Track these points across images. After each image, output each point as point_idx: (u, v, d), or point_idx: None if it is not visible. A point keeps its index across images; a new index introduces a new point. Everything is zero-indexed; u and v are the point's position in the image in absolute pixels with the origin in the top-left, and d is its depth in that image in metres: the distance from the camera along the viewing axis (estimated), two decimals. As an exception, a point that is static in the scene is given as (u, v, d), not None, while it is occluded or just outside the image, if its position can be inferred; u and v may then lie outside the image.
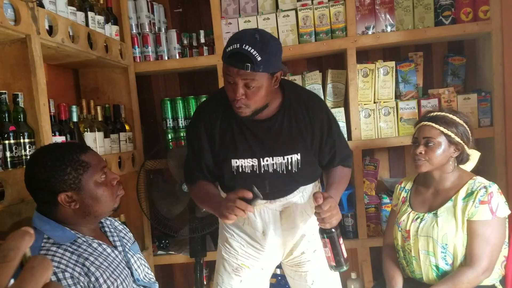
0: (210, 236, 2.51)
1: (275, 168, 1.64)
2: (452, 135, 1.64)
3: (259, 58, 1.41)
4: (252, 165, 1.63)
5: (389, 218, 1.95)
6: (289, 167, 1.64)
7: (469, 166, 1.74)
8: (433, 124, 1.65)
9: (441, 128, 1.64)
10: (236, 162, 1.63)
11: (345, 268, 1.56)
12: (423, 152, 1.67)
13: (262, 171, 1.63)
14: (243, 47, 1.41)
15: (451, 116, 1.66)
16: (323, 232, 1.52)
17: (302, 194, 1.72)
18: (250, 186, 1.47)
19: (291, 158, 1.63)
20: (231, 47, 1.43)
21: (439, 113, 1.69)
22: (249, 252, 1.76)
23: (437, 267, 1.65)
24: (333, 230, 1.51)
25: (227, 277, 1.78)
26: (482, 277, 1.58)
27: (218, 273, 1.82)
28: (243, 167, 1.63)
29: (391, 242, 1.85)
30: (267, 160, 1.63)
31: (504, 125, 2.25)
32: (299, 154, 1.63)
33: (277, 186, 1.66)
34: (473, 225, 1.59)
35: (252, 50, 1.40)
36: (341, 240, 1.54)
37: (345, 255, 1.55)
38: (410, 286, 1.69)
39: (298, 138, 1.64)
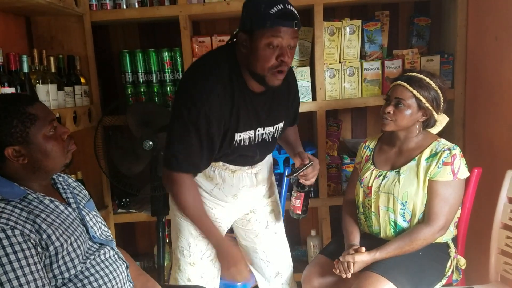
0: (172, 194, 2.48)
1: (264, 137, 1.67)
2: (423, 100, 1.64)
3: (298, 16, 1.42)
4: (250, 137, 1.62)
5: (351, 175, 1.98)
6: (275, 135, 1.71)
7: (435, 129, 1.76)
8: (407, 86, 1.65)
9: (414, 91, 1.64)
10: (239, 136, 1.59)
11: (305, 215, 1.80)
12: (391, 112, 1.68)
13: (256, 142, 1.65)
14: (287, 6, 1.39)
15: (427, 79, 1.66)
16: (301, 187, 1.73)
17: (269, 155, 1.84)
18: (245, 156, 1.64)
19: (278, 126, 1.71)
20: (275, 8, 1.38)
21: (417, 74, 1.68)
22: (216, 214, 1.75)
23: (395, 223, 1.70)
24: (310, 186, 1.73)
25: (193, 240, 1.76)
26: (438, 234, 1.64)
27: (182, 237, 1.78)
28: (243, 140, 1.61)
29: (352, 199, 1.89)
30: (259, 130, 1.64)
31: (464, 88, 2.30)
32: (283, 122, 1.72)
33: (263, 152, 1.74)
34: (434, 184, 1.63)
35: (292, 7, 1.41)
36: (310, 195, 1.79)
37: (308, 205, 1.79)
38: (367, 241, 1.74)
39: (282, 108, 1.70)
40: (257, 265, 1.97)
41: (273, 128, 1.69)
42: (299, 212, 1.77)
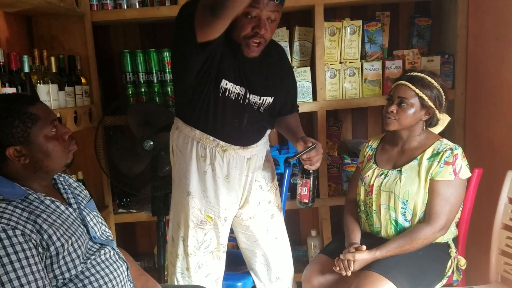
0: (172, 194, 2.48)
1: (251, 104, 1.68)
2: (426, 99, 1.65)
3: None
4: (239, 93, 1.63)
5: (354, 174, 1.99)
6: (260, 108, 1.71)
7: (437, 129, 1.77)
8: (410, 85, 1.66)
9: (417, 90, 1.65)
10: (226, 84, 1.59)
11: (313, 204, 1.76)
12: (394, 111, 1.68)
13: (246, 103, 1.66)
14: None
15: (429, 78, 1.67)
16: (306, 173, 1.70)
17: (264, 142, 1.84)
18: (230, 114, 1.62)
19: (265, 99, 1.70)
20: None
21: (418, 73, 1.69)
22: (211, 203, 1.76)
23: (396, 221, 1.70)
24: (315, 172, 1.70)
25: (191, 231, 1.77)
26: (438, 234, 1.64)
27: (181, 227, 1.80)
28: (230, 91, 1.61)
29: (353, 198, 1.89)
30: (249, 94, 1.65)
31: (465, 88, 2.30)
32: (272, 98, 1.71)
33: (250, 122, 1.71)
34: (435, 184, 1.64)
35: None
36: (316, 182, 1.75)
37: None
38: (368, 240, 1.74)
39: (272, 83, 1.70)
40: (256, 269, 1.97)
41: (260, 99, 1.68)
42: (307, 201, 1.74)
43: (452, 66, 2.33)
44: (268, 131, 1.86)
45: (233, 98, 1.63)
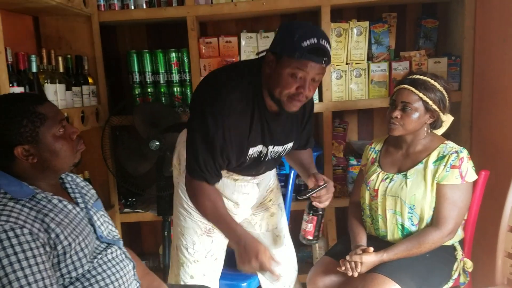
0: (178, 194, 2.49)
1: (272, 155, 1.67)
2: (430, 102, 1.63)
3: (330, 53, 1.41)
4: (260, 151, 1.62)
5: (357, 177, 1.98)
6: (281, 154, 1.71)
7: (441, 130, 1.75)
8: (413, 89, 1.64)
9: (420, 94, 1.63)
10: (252, 151, 1.59)
11: (316, 242, 1.74)
12: (398, 116, 1.66)
13: (266, 159, 1.66)
14: (321, 41, 1.38)
15: (432, 81, 1.65)
16: (314, 210, 1.65)
17: (273, 170, 1.88)
18: (250, 169, 1.65)
19: (287, 146, 1.70)
20: (308, 41, 1.36)
21: (420, 77, 1.66)
22: None
23: (402, 226, 1.70)
24: (323, 210, 1.65)
25: (198, 238, 1.77)
26: (446, 238, 1.63)
27: (187, 235, 1.78)
28: (254, 153, 1.61)
29: (357, 200, 1.89)
30: (270, 148, 1.63)
31: (471, 90, 2.29)
32: (292, 142, 1.71)
33: (269, 167, 1.76)
34: (442, 188, 1.63)
35: (327, 44, 1.40)
36: (323, 219, 1.69)
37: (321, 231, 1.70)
38: (373, 243, 1.73)
39: (295, 129, 1.69)
40: None
41: (282, 148, 1.68)
42: (311, 238, 1.68)
43: (459, 67, 2.31)
44: None
45: (255, 157, 1.62)
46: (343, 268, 1.65)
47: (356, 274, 1.62)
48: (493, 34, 2.08)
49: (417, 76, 1.67)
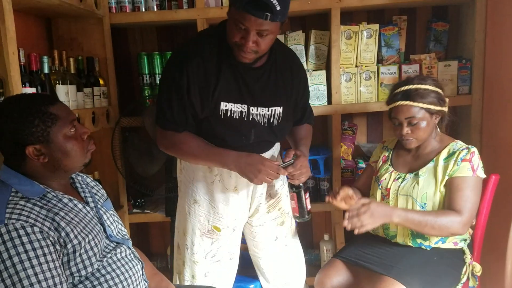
0: (186, 195, 2.50)
1: (258, 119, 1.64)
2: (431, 107, 1.63)
3: (278, 8, 1.37)
4: (241, 111, 1.60)
5: (365, 169, 2.00)
6: (271, 119, 1.66)
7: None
8: (411, 103, 1.63)
9: (420, 104, 1.62)
10: (226, 106, 1.58)
11: (306, 218, 1.72)
12: (409, 132, 1.67)
13: (250, 119, 1.62)
14: None
15: (423, 87, 1.63)
16: (291, 186, 1.67)
17: (274, 151, 1.81)
18: (237, 132, 1.58)
19: (274, 110, 1.65)
20: None
21: (410, 86, 1.64)
22: (220, 214, 1.75)
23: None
24: (301, 185, 1.64)
25: (197, 239, 1.77)
26: (462, 228, 1.56)
27: (187, 235, 1.79)
28: (232, 111, 1.59)
29: (359, 187, 1.92)
30: (253, 109, 1.61)
31: (482, 93, 2.27)
32: (281, 107, 1.66)
33: (259, 136, 1.67)
34: (454, 181, 1.61)
35: (276, 1, 1.36)
36: (307, 195, 1.71)
37: (309, 207, 1.71)
38: (381, 244, 1.74)
39: (282, 92, 1.66)
40: (264, 273, 1.97)
41: (268, 111, 1.64)
42: (297, 214, 1.70)
43: (470, 71, 2.30)
44: (277, 144, 1.84)
45: (237, 117, 1.60)
46: (348, 225, 1.55)
47: (361, 228, 1.54)
48: (504, 37, 2.06)
49: (407, 87, 1.65)
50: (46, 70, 1.75)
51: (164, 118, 1.59)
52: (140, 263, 1.35)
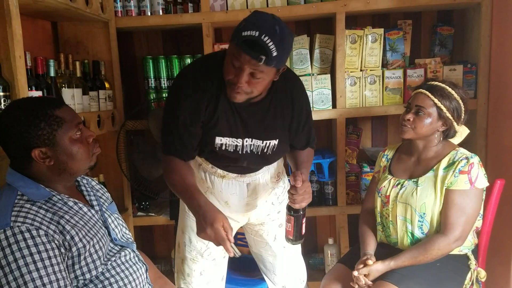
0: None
1: (252, 149, 1.63)
2: (444, 109, 1.63)
3: (274, 53, 1.33)
4: (236, 145, 1.60)
5: (370, 184, 1.97)
6: (265, 150, 1.64)
7: (455, 141, 1.74)
8: (429, 94, 1.64)
9: (435, 100, 1.63)
10: (220, 140, 1.58)
11: (298, 242, 1.64)
12: (411, 119, 1.67)
13: (243, 152, 1.62)
14: (262, 37, 1.31)
15: (449, 89, 1.64)
16: (290, 209, 1.57)
17: (268, 169, 1.78)
18: (231, 160, 1.60)
19: (269, 143, 1.64)
20: (248, 32, 1.31)
21: (439, 83, 1.67)
22: None
23: (412, 234, 1.68)
24: (301, 211, 1.56)
25: (194, 237, 1.78)
26: (454, 245, 1.61)
27: (185, 232, 1.82)
28: (227, 145, 1.60)
29: (369, 208, 1.88)
30: (247, 141, 1.61)
31: (487, 98, 2.26)
32: (277, 140, 1.64)
33: (252, 163, 1.68)
34: (451, 194, 1.61)
35: (271, 43, 1.31)
36: (304, 220, 1.59)
37: (303, 232, 1.62)
38: (384, 250, 1.73)
39: (279, 124, 1.63)
40: (267, 273, 1.98)
41: (263, 143, 1.62)
42: (291, 237, 1.61)
43: (475, 75, 2.29)
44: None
45: (231, 150, 1.61)
46: (356, 287, 1.65)
47: (369, 283, 1.62)
48: (510, 42, 2.05)
49: (435, 83, 1.68)
50: (52, 74, 1.76)
51: (164, 144, 1.62)
52: (144, 266, 1.35)
